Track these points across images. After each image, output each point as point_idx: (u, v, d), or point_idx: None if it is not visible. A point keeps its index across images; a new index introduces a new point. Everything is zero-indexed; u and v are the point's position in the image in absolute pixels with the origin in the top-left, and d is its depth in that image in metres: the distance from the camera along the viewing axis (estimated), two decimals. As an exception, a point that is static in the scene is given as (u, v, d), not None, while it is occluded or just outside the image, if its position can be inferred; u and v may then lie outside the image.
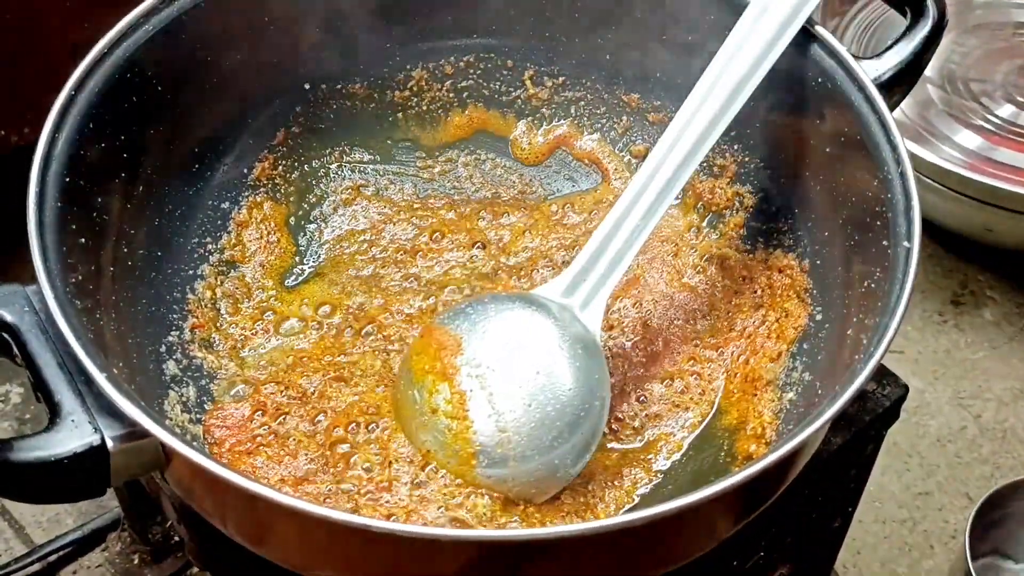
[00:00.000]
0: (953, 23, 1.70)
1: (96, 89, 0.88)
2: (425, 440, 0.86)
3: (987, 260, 1.64)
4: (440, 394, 0.85)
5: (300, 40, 1.02)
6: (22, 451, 0.72)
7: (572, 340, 0.88)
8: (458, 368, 0.86)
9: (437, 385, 0.86)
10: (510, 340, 0.87)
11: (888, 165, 0.85)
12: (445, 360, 0.86)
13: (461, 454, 0.84)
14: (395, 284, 1.01)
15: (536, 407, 0.85)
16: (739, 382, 0.94)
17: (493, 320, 0.88)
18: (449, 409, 0.85)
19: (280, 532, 0.78)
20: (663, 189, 0.91)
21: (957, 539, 1.37)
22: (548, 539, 0.70)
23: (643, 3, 1.01)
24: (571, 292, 0.91)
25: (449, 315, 0.90)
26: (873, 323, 0.78)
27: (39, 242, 0.79)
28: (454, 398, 0.85)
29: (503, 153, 1.10)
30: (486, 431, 0.84)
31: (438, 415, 0.85)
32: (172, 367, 0.92)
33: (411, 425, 0.87)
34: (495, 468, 0.84)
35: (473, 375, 0.85)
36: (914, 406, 1.49)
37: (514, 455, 0.84)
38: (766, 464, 0.71)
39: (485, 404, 0.84)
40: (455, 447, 0.85)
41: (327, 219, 1.06)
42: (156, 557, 1.20)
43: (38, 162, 0.82)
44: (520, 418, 0.84)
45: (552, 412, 0.85)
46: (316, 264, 1.03)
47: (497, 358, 0.86)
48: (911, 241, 0.81)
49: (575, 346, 0.88)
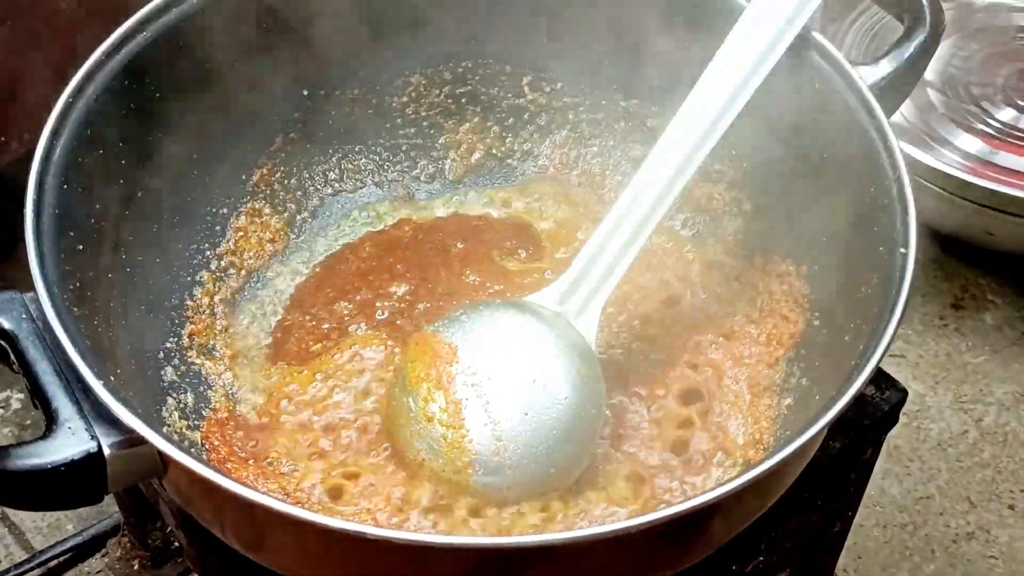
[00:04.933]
0: (954, 27, 1.70)
1: (94, 96, 0.88)
2: (420, 449, 0.86)
3: (988, 264, 1.63)
4: (436, 403, 0.85)
5: (298, 46, 1.02)
6: (19, 459, 0.72)
7: (568, 348, 0.88)
8: (454, 377, 0.86)
9: (433, 394, 0.85)
10: (506, 348, 0.87)
11: (885, 171, 0.85)
12: (440, 368, 0.86)
13: (457, 463, 0.84)
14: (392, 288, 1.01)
15: (532, 416, 0.85)
16: (737, 388, 0.94)
17: (488, 328, 0.88)
18: (445, 418, 0.85)
19: (278, 539, 0.78)
20: (658, 198, 0.90)
21: (958, 543, 1.37)
22: (545, 546, 0.70)
23: (641, 8, 1.01)
24: (566, 300, 0.91)
25: (444, 323, 0.90)
26: (870, 329, 0.78)
27: (36, 249, 0.79)
28: (450, 407, 0.85)
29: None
30: (482, 440, 0.84)
31: (433, 423, 0.85)
32: (170, 373, 0.92)
33: (404, 433, 0.87)
34: (490, 476, 0.84)
35: (469, 384, 0.85)
36: (915, 410, 1.49)
37: (510, 464, 0.84)
38: (764, 469, 0.71)
39: (481, 413, 0.84)
40: (451, 456, 0.84)
41: (325, 224, 1.06)
42: (156, 562, 1.20)
43: (36, 169, 0.83)
44: (516, 427, 0.84)
45: (548, 421, 0.85)
46: (314, 268, 1.03)
47: (493, 366, 0.86)
48: (907, 247, 0.81)
49: (571, 354, 0.88)
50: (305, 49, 1.02)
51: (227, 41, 0.98)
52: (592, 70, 1.07)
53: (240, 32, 0.98)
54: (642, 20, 1.01)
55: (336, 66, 1.05)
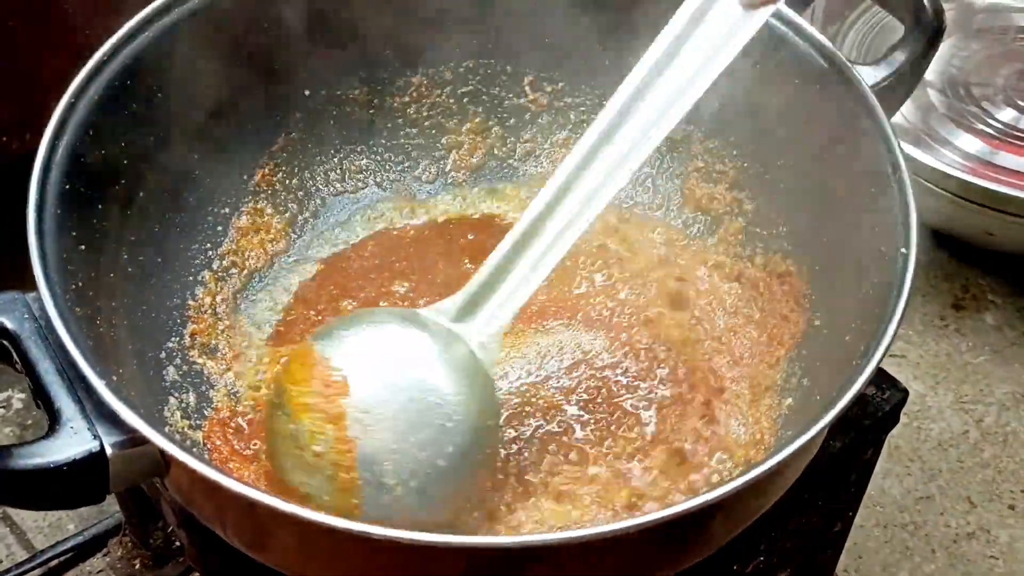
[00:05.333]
0: (954, 27, 1.70)
1: (96, 96, 0.88)
2: (304, 482, 0.80)
3: (988, 264, 1.64)
4: (325, 438, 0.79)
5: (299, 46, 1.02)
6: (21, 458, 0.72)
7: (462, 372, 0.82)
8: (344, 413, 0.79)
9: (323, 427, 0.79)
10: (397, 379, 0.81)
11: (885, 171, 0.85)
12: (330, 400, 0.79)
13: (344, 504, 0.79)
14: (395, 286, 1.01)
15: (427, 456, 0.79)
16: (738, 388, 0.94)
17: (378, 353, 0.82)
18: (335, 458, 0.79)
19: (280, 538, 0.78)
20: (582, 202, 0.83)
21: (959, 543, 1.37)
22: (543, 546, 0.70)
23: (642, 9, 1.01)
24: (463, 317, 0.85)
25: (328, 342, 0.82)
26: (871, 329, 0.78)
27: (39, 249, 0.79)
28: (340, 446, 0.78)
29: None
30: (372, 480, 0.78)
31: (323, 460, 0.79)
32: (172, 373, 0.92)
33: (285, 459, 0.81)
34: (379, 511, 0.79)
35: (361, 422, 0.79)
36: (915, 410, 1.49)
37: (400, 498, 0.79)
38: (764, 469, 0.71)
39: (372, 452, 0.78)
40: (338, 498, 0.79)
41: (327, 224, 1.06)
42: (157, 562, 1.20)
43: (38, 169, 0.83)
44: (409, 465, 0.79)
45: (442, 460, 0.80)
46: (316, 269, 1.03)
47: (384, 400, 0.79)
48: (908, 247, 0.81)
49: (464, 378, 0.82)
50: (306, 49, 1.03)
51: (227, 41, 0.98)
52: (593, 70, 1.07)
53: (240, 32, 0.99)
54: (643, 20, 1.01)
55: (337, 66, 1.05)
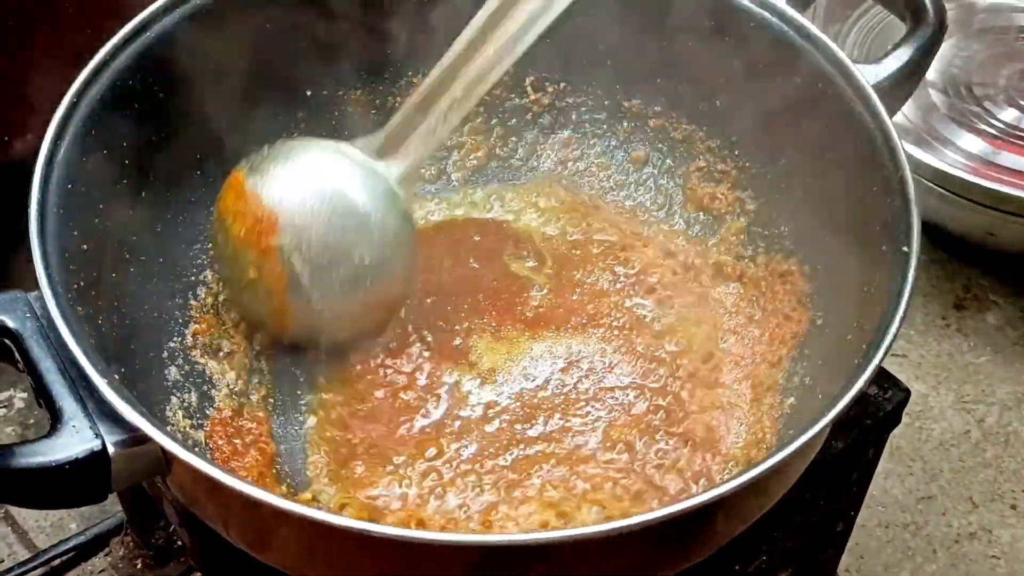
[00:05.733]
0: (956, 27, 1.70)
1: (98, 96, 0.88)
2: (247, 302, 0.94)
3: (990, 264, 1.63)
4: (258, 267, 0.91)
5: (301, 46, 1.02)
6: (23, 457, 0.72)
7: (378, 195, 0.93)
8: (278, 247, 0.90)
9: (259, 260, 0.91)
10: (322, 203, 0.91)
11: (887, 170, 0.85)
12: (264, 237, 0.90)
13: (277, 322, 0.94)
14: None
15: (347, 286, 0.91)
16: (739, 387, 0.94)
17: (303, 183, 0.92)
18: (270, 283, 0.91)
19: (282, 538, 0.78)
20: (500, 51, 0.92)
21: (960, 543, 1.37)
22: (544, 544, 0.70)
23: (644, 8, 1.01)
24: (386, 154, 0.94)
25: (259, 178, 0.92)
26: (872, 328, 0.78)
27: (41, 248, 0.79)
28: (272, 276, 0.90)
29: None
30: (300, 304, 0.91)
31: (259, 282, 0.91)
32: (174, 372, 0.92)
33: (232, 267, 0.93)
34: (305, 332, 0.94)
35: (290, 255, 0.89)
36: (917, 410, 1.49)
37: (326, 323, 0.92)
38: (765, 468, 0.71)
39: (299, 283, 0.90)
40: (272, 313, 0.93)
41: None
42: (159, 561, 1.20)
43: (40, 168, 0.83)
44: (333, 296, 0.91)
45: (362, 267, 0.91)
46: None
47: (309, 225, 0.90)
48: (910, 246, 0.81)
49: (380, 201, 0.92)
50: (308, 48, 1.03)
51: (229, 41, 0.98)
52: (594, 70, 1.07)
53: (242, 32, 0.99)
54: (646, 20, 1.01)
55: (339, 64, 1.05)
